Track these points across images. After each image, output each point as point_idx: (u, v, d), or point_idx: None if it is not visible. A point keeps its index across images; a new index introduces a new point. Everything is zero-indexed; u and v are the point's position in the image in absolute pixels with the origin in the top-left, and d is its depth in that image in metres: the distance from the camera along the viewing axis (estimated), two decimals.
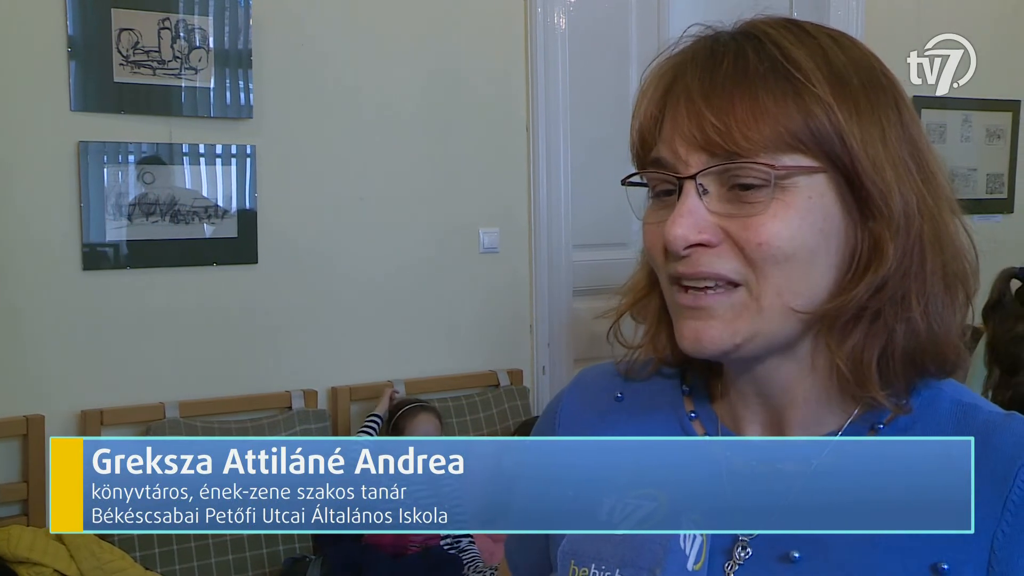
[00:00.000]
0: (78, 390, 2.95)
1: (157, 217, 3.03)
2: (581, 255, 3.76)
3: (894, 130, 0.75)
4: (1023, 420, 0.75)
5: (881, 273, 0.73)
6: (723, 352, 0.75)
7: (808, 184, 0.73)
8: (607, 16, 3.85)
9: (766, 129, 0.72)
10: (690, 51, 0.78)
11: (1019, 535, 0.70)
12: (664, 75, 0.78)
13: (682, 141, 0.74)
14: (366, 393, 3.38)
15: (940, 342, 0.76)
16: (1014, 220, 4.56)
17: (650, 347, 0.86)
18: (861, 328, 0.75)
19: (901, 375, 0.76)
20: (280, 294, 3.24)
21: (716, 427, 0.84)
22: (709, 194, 0.74)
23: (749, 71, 0.73)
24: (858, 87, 0.74)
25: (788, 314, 0.74)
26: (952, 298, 0.76)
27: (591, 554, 0.66)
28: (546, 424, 0.93)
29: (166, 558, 2.89)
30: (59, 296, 2.93)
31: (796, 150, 0.72)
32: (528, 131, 3.63)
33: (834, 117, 0.72)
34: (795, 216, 0.72)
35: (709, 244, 0.74)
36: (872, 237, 0.74)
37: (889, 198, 0.73)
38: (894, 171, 0.74)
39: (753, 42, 0.75)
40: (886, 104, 0.76)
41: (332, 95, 3.29)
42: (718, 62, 0.75)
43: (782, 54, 0.74)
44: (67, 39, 2.88)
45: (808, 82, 0.73)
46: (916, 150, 0.76)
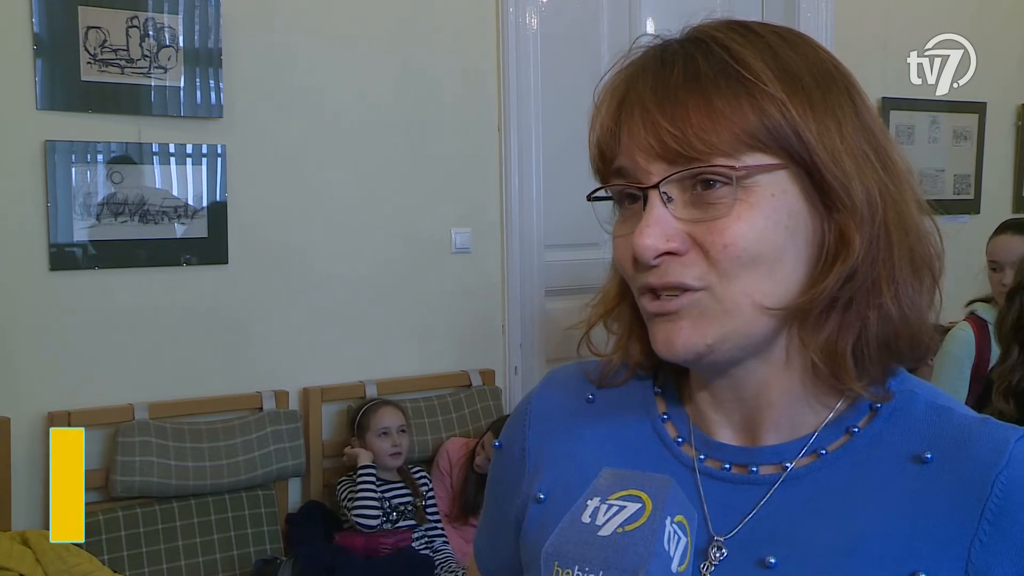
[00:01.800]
0: (45, 392, 2.92)
1: (126, 217, 3.00)
2: (553, 255, 3.76)
3: (850, 121, 0.76)
4: (998, 425, 0.75)
5: (850, 263, 0.74)
6: (697, 354, 0.75)
7: (770, 181, 0.73)
8: (579, 16, 3.86)
9: (723, 132, 0.72)
10: (640, 62, 0.78)
11: (997, 544, 0.70)
12: (617, 88, 0.79)
13: (641, 151, 0.75)
14: (337, 394, 3.37)
15: (912, 326, 0.76)
16: (981, 220, 4.61)
17: (622, 354, 0.86)
18: (834, 319, 0.75)
19: (876, 362, 0.76)
20: (250, 294, 3.22)
21: (688, 429, 0.84)
22: (674, 201, 0.74)
23: (700, 76, 0.74)
24: (810, 82, 0.75)
25: (759, 313, 0.74)
26: (920, 282, 0.77)
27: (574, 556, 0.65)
28: (516, 424, 0.93)
29: (135, 561, 2.87)
30: (26, 297, 2.90)
31: (755, 149, 0.73)
32: (500, 131, 3.63)
33: (788, 113, 0.73)
34: (759, 216, 0.73)
35: (677, 252, 0.74)
36: (838, 228, 0.74)
37: (850, 188, 0.74)
38: (853, 161, 0.74)
39: (701, 47, 0.76)
40: (840, 97, 0.76)
41: (303, 95, 3.28)
42: (668, 70, 0.75)
43: (731, 56, 0.74)
44: (33, 37, 2.84)
45: (759, 81, 0.73)
46: (873, 139, 0.77)
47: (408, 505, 3.14)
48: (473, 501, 3.29)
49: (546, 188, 3.69)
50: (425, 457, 3.41)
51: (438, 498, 3.32)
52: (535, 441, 0.90)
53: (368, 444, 3.15)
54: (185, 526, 2.98)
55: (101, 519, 2.86)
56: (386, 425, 3.17)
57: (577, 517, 0.68)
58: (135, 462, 2.90)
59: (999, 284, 3.06)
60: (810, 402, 0.79)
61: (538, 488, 0.86)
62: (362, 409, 3.21)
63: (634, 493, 0.68)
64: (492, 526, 0.96)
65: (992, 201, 4.85)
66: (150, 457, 2.92)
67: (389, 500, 3.10)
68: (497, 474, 0.95)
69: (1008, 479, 0.71)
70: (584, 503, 0.69)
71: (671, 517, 0.67)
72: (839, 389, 0.77)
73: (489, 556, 0.97)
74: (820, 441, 0.78)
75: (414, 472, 3.25)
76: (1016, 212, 4.83)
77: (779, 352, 0.78)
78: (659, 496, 0.67)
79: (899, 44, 4.31)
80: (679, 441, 0.84)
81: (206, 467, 3.01)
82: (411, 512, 3.15)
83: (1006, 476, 0.71)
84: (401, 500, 3.14)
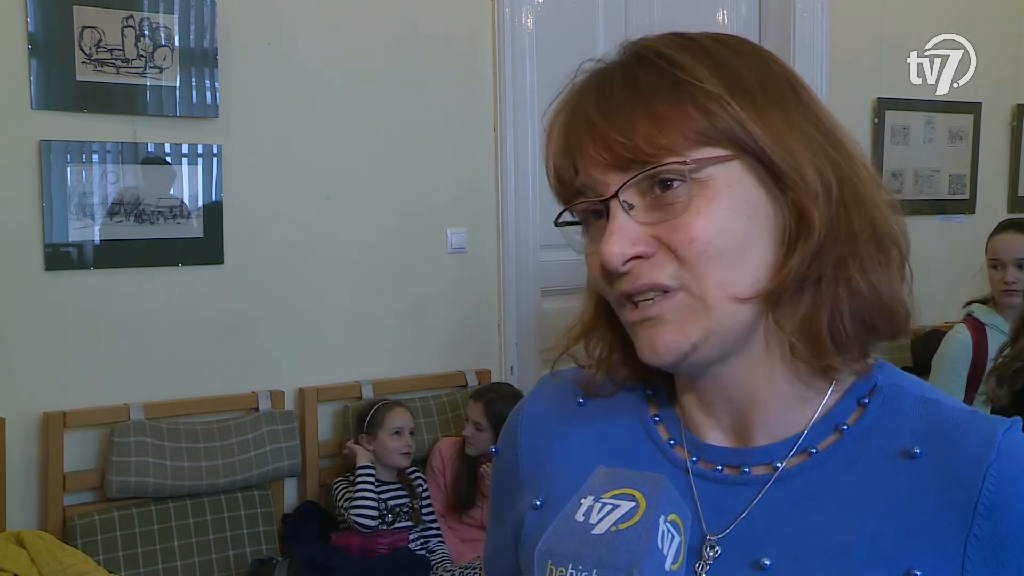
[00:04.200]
0: (40, 392, 2.91)
1: (121, 217, 3.00)
2: (549, 255, 3.76)
3: (794, 109, 0.77)
4: (984, 418, 0.75)
5: (812, 241, 0.75)
6: (682, 356, 0.76)
7: (724, 173, 0.75)
8: (575, 16, 3.86)
9: (670, 134, 0.74)
10: (582, 83, 0.80)
11: (992, 538, 0.70)
12: (563, 111, 0.80)
13: (595, 165, 0.76)
14: (334, 394, 3.36)
15: (884, 299, 0.77)
16: (976, 220, 4.62)
17: (604, 372, 0.87)
18: (806, 299, 0.76)
19: (854, 338, 0.77)
20: (246, 294, 3.22)
21: (679, 431, 0.84)
22: (635, 208, 0.75)
23: (640, 86, 0.75)
24: (749, 77, 0.76)
25: (735, 304, 0.75)
26: (887, 256, 0.78)
27: (569, 554, 0.65)
28: (509, 434, 0.94)
29: (130, 561, 2.86)
30: (21, 297, 2.89)
31: (703, 144, 0.74)
32: (496, 131, 3.63)
33: (731, 107, 0.74)
34: (719, 207, 0.74)
35: (645, 255, 0.75)
36: (796, 209, 0.75)
37: (801, 169, 0.75)
38: (801, 145, 0.76)
39: (639, 59, 0.78)
40: (782, 89, 0.78)
41: (299, 95, 3.28)
42: (609, 85, 0.77)
43: (668, 62, 0.76)
44: (27, 36, 2.84)
45: (697, 80, 0.74)
46: (821, 124, 0.78)
47: (404, 507, 3.14)
48: (466, 495, 3.29)
49: (542, 188, 3.68)
50: (421, 457, 3.40)
51: (433, 497, 3.32)
52: (527, 446, 0.91)
53: (379, 442, 3.15)
54: (181, 526, 2.97)
55: (97, 519, 2.85)
56: (400, 425, 3.17)
57: (571, 516, 0.68)
58: (131, 462, 2.89)
59: (1000, 282, 3.08)
60: (798, 392, 0.79)
61: (534, 495, 0.87)
62: (374, 407, 3.20)
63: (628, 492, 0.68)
64: (495, 532, 0.96)
65: (987, 201, 4.86)
66: (146, 457, 2.92)
67: (385, 502, 3.10)
68: (496, 479, 0.96)
69: (998, 472, 0.71)
70: (578, 502, 0.69)
71: (665, 516, 0.67)
72: (822, 370, 0.78)
73: (494, 563, 0.97)
74: (810, 440, 0.79)
75: (410, 473, 3.25)
76: (1012, 212, 4.84)
77: (759, 343, 0.78)
78: (653, 495, 0.68)
79: (895, 44, 4.32)
80: (671, 443, 0.84)
81: (202, 467, 3.01)
82: (407, 514, 3.14)
83: (996, 470, 0.71)
84: (397, 502, 3.13)
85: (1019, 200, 5.01)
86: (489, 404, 3.24)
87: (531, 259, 3.71)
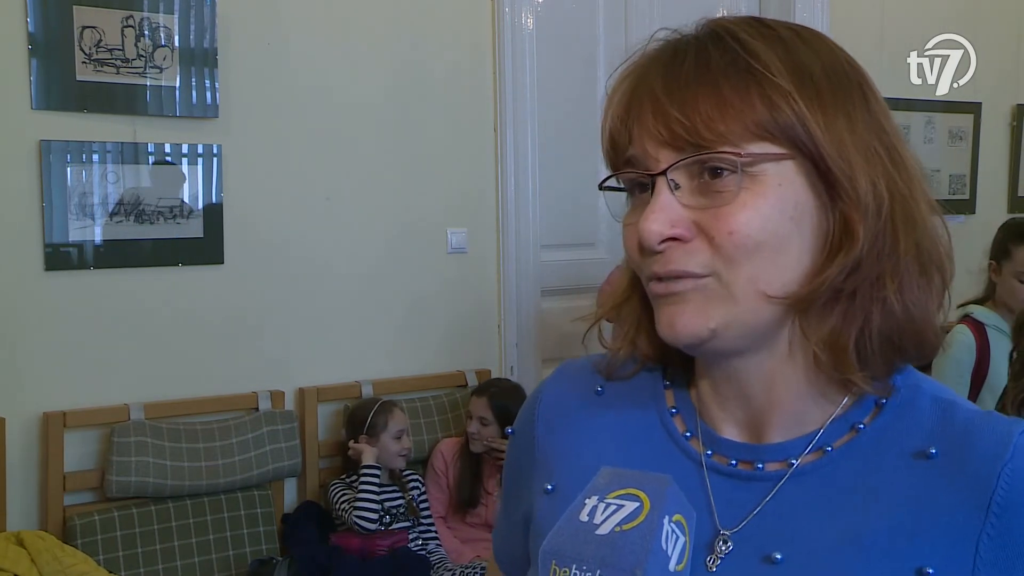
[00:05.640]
0: (40, 392, 2.91)
1: (121, 217, 3.00)
2: (549, 255, 3.76)
3: (860, 117, 0.76)
4: (1000, 419, 0.75)
5: (853, 254, 0.74)
6: (699, 338, 0.76)
7: (776, 171, 0.74)
8: (574, 16, 3.86)
9: (731, 121, 0.73)
10: (653, 53, 0.79)
11: (1004, 537, 0.70)
12: (628, 78, 0.79)
13: (650, 139, 0.75)
14: (333, 394, 3.36)
15: (917, 323, 0.76)
16: (976, 220, 4.62)
17: (629, 347, 0.87)
18: (837, 312, 0.75)
19: (879, 356, 0.76)
20: (246, 294, 3.22)
21: (696, 424, 0.84)
22: (681, 188, 0.75)
23: (711, 67, 0.74)
24: (821, 77, 0.75)
25: (763, 301, 0.75)
26: (928, 281, 0.77)
27: (572, 554, 0.65)
28: (526, 416, 0.94)
29: (130, 561, 2.86)
30: (21, 297, 2.89)
31: (762, 139, 0.73)
32: (496, 131, 3.63)
33: (796, 106, 0.73)
34: (764, 204, 0.73)
35: (683, 239, 0.74)
36: (843, 219, 0.74)
37: (855, 180, 0.74)
38: (860, 155, 0.75)
39: (714, 39, 0.76)
40: (851, 92, 0.77)
41: (299, 95, 3.28)
42: (680, 61, 0.76)
43: (742, 48, 0.75)
44: (27, 36, 2.84)
45: (769, 72, 0.73)
46: (885, 136, 0.77)
47: (400, 507, 3.14)
48: (469, 495, 3.29)
49: (542, 188, 3.69)
50: (420, 457, 3.40)
51: (434, 499, 3.32)
52: (544, 429, 0.91)
53: (381, 444, 3.14)
54: (181, 526, 2.97)
55: (97, 519, 2.85)
56: (401, 427, 3.18)
57: (575, 516, 0.68)
58: (131, 462, 2.89)
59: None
60: (815, 397, 0.79)
61: (546, 479, 0.87)
62: (371, 407, 3.20)
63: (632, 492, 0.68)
64: (507, 514, 0.96)
65: (987, 201, 4.87)
66: (146, 457, 2.92)
67: (382, 503, 3.09)
68: (511, 460, 0.95)
69: (1013, 472, 0.71)
70: (582, 502, 0.69)
71: (669, 516, 0.67)
72: (842, 383, 0.77)
73: (504, 546, 0.97)
74: (826, 438, 0.78)
75: (404, 474, 3.24)
76: (1012, 212, 4.84)
77: (782, 344, 0.78)
78: (657, 495, 0.67)
79: (894, 44, 4.32)
80: (687, 435, 0.84)
81: (202, 467, 3.01)
82: (403, 514, 3.14)
83: (1010, 469, 0.71)
84: (394, 503, 3.13)
85: (1019, 200, 5.01)
86: (493, 398, 3.25)
87: (531, 259, 3.71)
